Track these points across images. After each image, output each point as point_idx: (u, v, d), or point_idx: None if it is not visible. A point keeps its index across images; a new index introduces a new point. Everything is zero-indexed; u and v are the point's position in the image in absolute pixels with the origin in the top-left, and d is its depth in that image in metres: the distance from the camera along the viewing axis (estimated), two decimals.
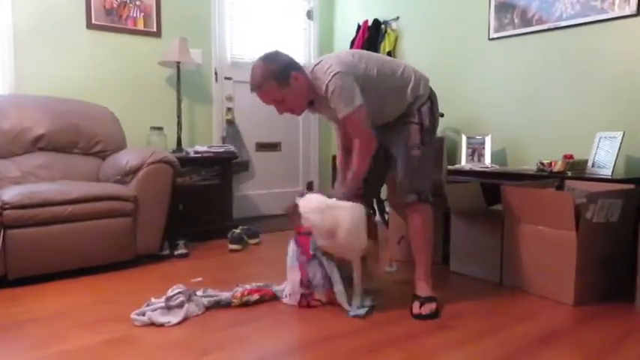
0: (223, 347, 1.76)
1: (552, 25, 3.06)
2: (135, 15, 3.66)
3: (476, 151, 3.35)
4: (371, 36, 4.12)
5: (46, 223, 2.48)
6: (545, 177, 2.72)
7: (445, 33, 3.71)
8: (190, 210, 3.41)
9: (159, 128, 3.54)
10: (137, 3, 3.66)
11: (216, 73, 4.10)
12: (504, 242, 2.48)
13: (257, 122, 4.28)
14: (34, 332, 1.88)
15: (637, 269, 2.14)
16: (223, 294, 2.18)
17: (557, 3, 3.03)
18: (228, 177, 3.67)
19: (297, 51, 4.54)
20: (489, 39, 3.41)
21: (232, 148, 3.74)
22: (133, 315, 1.97)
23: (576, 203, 2.15)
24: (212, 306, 2.12)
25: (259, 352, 1.73)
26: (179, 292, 2.05)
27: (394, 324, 1.98)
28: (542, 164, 2.80)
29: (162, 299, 2.02)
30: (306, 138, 4.72)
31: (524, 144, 3.23)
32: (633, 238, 2.25)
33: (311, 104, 2.15)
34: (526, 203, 2.35)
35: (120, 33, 3.60)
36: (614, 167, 2.58)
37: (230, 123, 4.17)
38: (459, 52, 3.61)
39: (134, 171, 2.84)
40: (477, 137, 3.35)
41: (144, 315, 1.96)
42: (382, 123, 2.16)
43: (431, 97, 2.18)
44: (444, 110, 2.82)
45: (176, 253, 3.04)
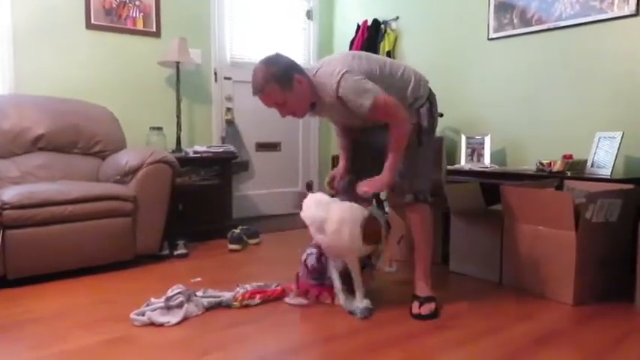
0: (223, 347, 1.76)
1: (552, 25, 3.06)
2: (134, 15, 3.66)
3: (475, 151, 3.35)
4: (370, 36, 4.12)
5: (46, 223, 2.48)
6: (544, 177, 2.72)
7: (444, 33, 3.72)
8: (190, 210, 3.41)
9: (158, 128, 3.54)
10: (136, 3, 3.66)
11: (215, 73, 4.09)
12: (504, 242, 2.48)
13: (257, 122, 4.28)
14: (34, 332, 1.88)
15: (636, 269, 2.14)
16: (224, 295, 2.18)
17: (556, 3, 3.03)
18: (227, 177, 3.67)
19: (296, 51, 4.54)
20: (489, 39, 3.41)
21: (232, 148, 3.73)
22: (133, 315, 1.97)
23: (576, 203, 2.15)
24: (212, 307, 2.12)
25: (260, 352, 1.73)
26: (179, 293, 2.05)
27: (394, 324, 1.98)
28: (541, 164, 2.80)
29: (161, 299, 2.02)
30: (305, 138, 4.72)
31: (523, 144, 3.23)
32: (632, 238, 2.26)
33: (311, 107, 2.14)
34: (525, 203, 2.35)
35: (119, 33, 3.60)
36: (613, 167, 2.59)
37: (229, 123, 4.17)
38: (459, 52, 3.61)
39: (134, 171, 2.84)
40: (477, 137, 3.35)
41: (143, 315, 1.97)
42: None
43: (430, 98, 2.18)
44: (444, 110, 2.83)
45: (176, 253, 3.04)
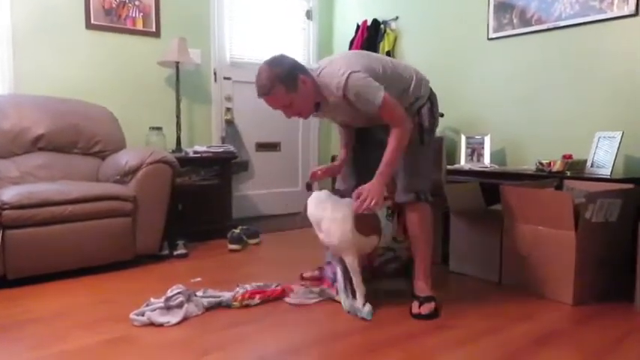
0: (223, 347, 1.76)
1: (551, 25, 3.06)
2: (134, 15, 3.66)
3: (475, 151, 3.36)
4: (370, 36, 4.12)
5: (46, 223, 2.48)
6: (544, 177, 2.72)
7: (444, 33, 3.72)
8: (190, 210, 3.41)
9: (158, 128, 3.54)
10: (136, 3, 3.65)
11: (215, 73, 4.09)
12: (503, 242, 2.49)
13: (256, 122, 4.28)
14: (34, 332, 1.88)
15: (636, 269, 2.14)
16: (224, 295, 2.18)
17: (556, 3, 3.04)
18: (227, 177, 3.67)
19: (296, 51, 4.54)
20: (488, 39, 3.41)
21: (232, 148, 3.73)
22: (132, 315, 1.97)
23: (575, 203, 2.15)
24: (212, 307, 2.12)
25: (260, 352, 1.73)
26: (178, 293, 2.05)
27: (394, 324, 1.98)
28: (541, 164, 2.80)
29: (161, 299, 2.02)
30: (305, 138, 4.72)
31: (523, 144, 3.23)
32: (632, 238, 2.26)
33: (316, 107, 2.14)
34: (525, 203, 2.35)
35: (119, 33, 3.60)
36: (613, 167, 2.59)
37: (229, 123, 4.17)
38: (459, 52, 3.61)
39: (133, 171, 2.84)
40: (477, 137, 3.36)
41: (143, 315, 1.97)
42: (383, 123, 2.16)
43: (431, 98, 2.18)
44: (444, 110, 2.83)
45: (175, 253, 3.04)
